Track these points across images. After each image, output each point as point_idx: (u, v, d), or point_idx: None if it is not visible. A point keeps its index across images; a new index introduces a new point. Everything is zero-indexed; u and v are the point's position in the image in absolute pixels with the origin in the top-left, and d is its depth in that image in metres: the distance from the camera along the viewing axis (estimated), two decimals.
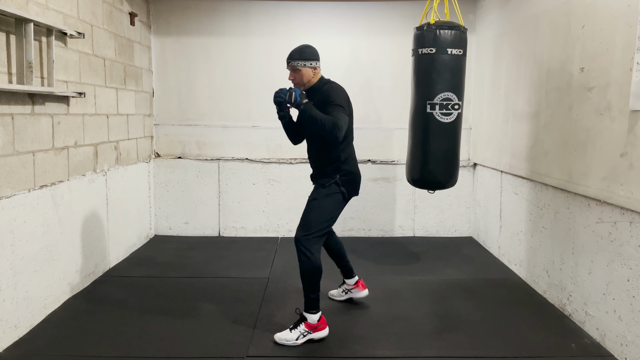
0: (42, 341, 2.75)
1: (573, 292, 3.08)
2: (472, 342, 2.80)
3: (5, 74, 2.69)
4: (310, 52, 2.89)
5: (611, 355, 2.67)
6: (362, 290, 3.29)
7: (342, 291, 3.34)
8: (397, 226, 5.08)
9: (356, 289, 3.29)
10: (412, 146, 3.56)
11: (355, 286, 3.29)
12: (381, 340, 2.83)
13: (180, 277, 3.81)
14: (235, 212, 5.04)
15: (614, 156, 2.65)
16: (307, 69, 2.87)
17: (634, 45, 2.48)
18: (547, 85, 3.41)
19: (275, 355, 2.65)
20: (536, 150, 3.57)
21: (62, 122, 3.23)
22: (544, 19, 3.48)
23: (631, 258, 2.53)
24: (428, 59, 3.34)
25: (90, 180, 3.61)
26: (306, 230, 2.77)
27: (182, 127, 4.99)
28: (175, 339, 2.79)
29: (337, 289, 3.38)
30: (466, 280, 3.79)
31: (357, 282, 3.29)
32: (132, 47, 4.41)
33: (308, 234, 2.76)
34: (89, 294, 3.43)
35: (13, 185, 2.72)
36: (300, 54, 2.87)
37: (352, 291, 3.30)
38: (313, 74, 2.89)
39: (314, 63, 2.88)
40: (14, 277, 2.73)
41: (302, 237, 2.76)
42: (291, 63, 2.88)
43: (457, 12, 3.71)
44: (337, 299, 3.36)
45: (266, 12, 4.88)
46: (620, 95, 2.60)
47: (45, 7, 3.03)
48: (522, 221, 3.84)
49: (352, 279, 3.28)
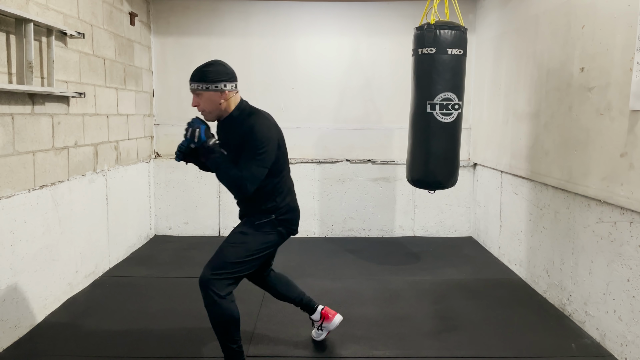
0: (42, 341, 2.75)
1: (573, 292, 3.08)
2: (472, 342, 2.80)
3: (5, 74, 2.70)
4: (215, 72, 2.25)
5: (611, 355, 2.67)
6: (331, 320, 2.73)
7: (316, 329, 2.80)
8: (397, 226, 5.08)
9: (326, 321, 2.74)
10: (412, 146, 3.56)
11: (322, 320, 2.74)
12: (381, 340, 2.83)
13: (180, 277, 3.81)
14: (235, 212, 4.98)
15: (614, 156, 2.65)
16: (212, 92, 2.25)
17: (634, 45, 2.48)
18: (547, 85, 3.41)
19: (275, 355, 2.65)
20: (536, 150, 3.57)
21: (62, 122, 3.23)
22: (544, 19, 3.48)
23: (631, 258, 2.53)
24: (428, 59, 3.34)
25: (90, 180, 3.61)
26: (218, 269, 2.26)
27: (182, 127, 4.93)
28: (175, 339, 2.79)
29: (313, 329, 2.85)
30: (466, 280, 3.79)
31: (322, 314, 2.74)
32: (132, 47, 4.41)
33: (218, 273, 2.25)
34: (89, 294, 3.44)
35: (13, 185, 2.72)
36: (202, 75, 2.24)
37: (323, 326, 2.75)
38: (222, 99, 2.27)
39: (223, 85, 2.25)
40: (14, 277, 2.73)
41: (211, 276, 2.25)
42: (191, 85, 2.27)
43: (457, 12, 3.71)
44: (319, 340, 2.80)
45: (266, 12, 4.88)
46: (620, 95, 2.60)
47: (45, 7, 3.03)
48: (522, 221, 3.84)
49: (314, 313, 2.74)
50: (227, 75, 2.28)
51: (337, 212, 5.07)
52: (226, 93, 2.28)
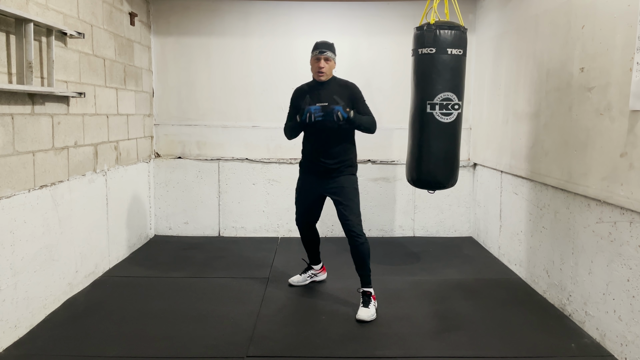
0: (42, 341, 2.75)
1: (573, 292, 3.08)
2: (472, 342, 2.80)
3: (5, 74, 2.70)
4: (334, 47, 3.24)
5: (611, 355, 2.67)
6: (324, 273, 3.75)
7: (307, 276, 3.66)
8: (397, 226, 5.08)
9: (322, 272, 3.73)
10: (412, 146, 3.56)
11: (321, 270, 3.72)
12: (381, 340, 2.83)
13: (180, 277, 3.81)
14: (235, 212, 5.04)
15: (614, 156, 2.65)
16: (334, 62, 3.21)
17: (634, 45, 2.48)
18: (547, 85, 3.41)
19: (275, 355, 2.65)
20: (536, 150, 3.57)
21: (62, 122, 3.23)
22: (544, 19, 3.48)
23: (631, 258, 2.53)
24: (428, 59, 3.34)
25: (90, 180, 3.61)
26: (360, 218, 3.16)
27: (182, 127, 4.99)
28: (175, 339, 2.79)
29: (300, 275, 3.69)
30: (466, 280, 3.79)
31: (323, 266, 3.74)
32: (132, 47, 4.41)
33: (360, 220, 3.15)
34: (89, 294, 3.43)
35: (13, 185, 2.72)
36: (333, 47, 3.19)
37: (317, 275, 3.70)
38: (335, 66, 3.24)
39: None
40: (14, 277, 2.73)
41: (359, 224, 3.13)
42: (326, 53, 3.12)
43: (457, 12, 3.71)
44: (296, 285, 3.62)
45: (266, 12, 4.88)
46: (620, 95, 2.60)
47: (45, 7, 3.03)
48: (522, 221, 3.84)
49: (320, 263, 3.70)
50: None
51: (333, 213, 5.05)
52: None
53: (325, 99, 3.16)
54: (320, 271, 3.69)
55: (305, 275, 3.65)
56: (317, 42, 3.20)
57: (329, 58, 3.13)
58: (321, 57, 3.12)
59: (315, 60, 3.15)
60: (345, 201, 3.15)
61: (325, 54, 3.12)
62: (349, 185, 3.20)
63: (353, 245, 3.14)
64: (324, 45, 3.15)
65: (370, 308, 3.09)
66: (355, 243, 3.12)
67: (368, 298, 3.14)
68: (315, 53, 3.15)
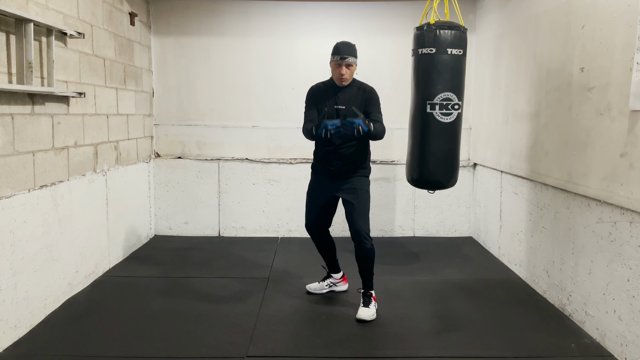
0: (42, 341, 2.75)
1: (573, 292, 3.08)
2: (472, 342, 2.80)
3: (5, 74, 2.70)
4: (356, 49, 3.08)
5: (611, 355, 2.67)
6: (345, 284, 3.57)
7: (326, 284, 3.51)
8: (397, 226, 5.08)
9: (343, 282, 3.56)
10: (412, 146, 3.56)
11: (342, 280, 3.56)
12: (381, 340, 2.83)
13: (180, 277, 3.81)
14: (235, 212, 5.04)
15: (614, 156, 2.65)
16: (356, 65, 3.07)
17: (634, 45, 2.48)
18: (547, 85, 3.41)
19: (275, 355, 2.65)
20: (536, 150, 3.57)
21: (62, 122, 3.23)
22: (544, 19, 3.48)
23: (631, 258, 2.53)
24: (428, 59, 3.34)
25: (90, 180, 3.61)
26: (367, 221, 3.09)
27: (182, 127, 4.99)
28: (175, 339, 2.79)
29: (319, 282, 3.54)
30: (466, 280, 3.79)
31: (344, 276, 3.57)
32: (132, 47, 4.41)
33: (369, 224, 3.09)
34: (89, 294, 3.43)
35: (13, 185, 2.72)
36: (355, 50, 3.04)
37: (337, 285, 3.54)
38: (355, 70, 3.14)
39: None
40: (14, 277, 2.73)
41: (367, 228, 3.07)
42: (348, 59, 2.99)
43: (457, 12, 3.70)
44: (314, 293, 3.48)
45: (266, 12, 4.88)
46: (620, 95, 2.60)
47: (45, 7, 3.03)
48: (522, 221, 3.84)
49: (339, 272, 3.54)
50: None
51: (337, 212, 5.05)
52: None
53: (343, 102, 3.08)
54: (340, 281, 3.52)
55: (324, 283, 3.49)
56: (338, 45, 3.03)
57: (350, 64, 3.00)
58: (342, 63, 2.98)
59: (337, 66, 3.01)
60: (355, 203, 3.09)
61: (346, 60, 2.98)
62: (362, 187, 3.14)
63: (359, 249, 3.09)
64: (345, 50, 2.99)
65: (370, 308, 3.09)
66: (361, 247, 3.07)
67: (368, 298, 3.13)
68: (337, 58, 3.00)
